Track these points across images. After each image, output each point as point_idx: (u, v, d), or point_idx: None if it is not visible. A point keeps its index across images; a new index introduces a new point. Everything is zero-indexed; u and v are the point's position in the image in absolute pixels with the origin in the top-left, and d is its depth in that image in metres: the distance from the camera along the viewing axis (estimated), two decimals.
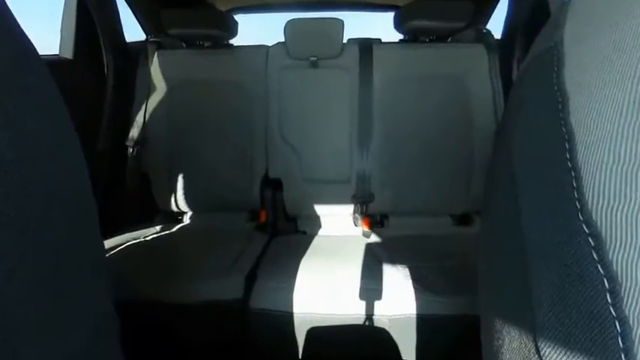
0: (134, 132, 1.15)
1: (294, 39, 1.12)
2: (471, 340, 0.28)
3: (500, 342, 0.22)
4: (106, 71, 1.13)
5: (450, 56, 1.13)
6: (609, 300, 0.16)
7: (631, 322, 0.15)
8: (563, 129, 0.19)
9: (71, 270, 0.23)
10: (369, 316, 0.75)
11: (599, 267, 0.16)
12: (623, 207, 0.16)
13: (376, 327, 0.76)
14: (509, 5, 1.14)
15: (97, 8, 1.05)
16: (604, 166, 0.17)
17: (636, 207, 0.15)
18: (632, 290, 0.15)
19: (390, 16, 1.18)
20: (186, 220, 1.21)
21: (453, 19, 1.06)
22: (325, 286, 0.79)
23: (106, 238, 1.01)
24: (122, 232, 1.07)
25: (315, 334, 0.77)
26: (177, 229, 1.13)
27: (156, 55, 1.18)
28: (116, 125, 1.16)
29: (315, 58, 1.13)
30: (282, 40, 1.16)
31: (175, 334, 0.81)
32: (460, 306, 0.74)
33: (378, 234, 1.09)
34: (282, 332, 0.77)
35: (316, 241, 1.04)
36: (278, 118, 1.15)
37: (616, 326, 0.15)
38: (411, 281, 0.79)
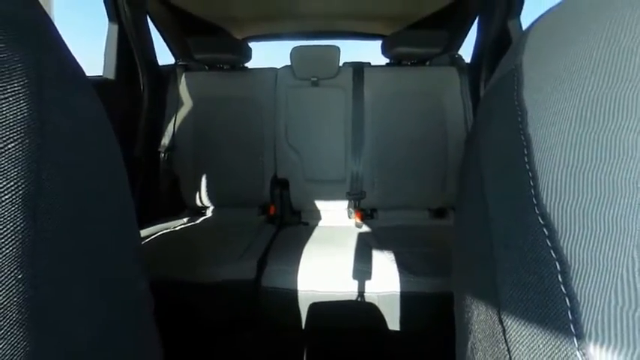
0: (165, 140, 1.15)
1: (298, 63, 1.12)
2: (446, 314, 0.28)
3: (469, 315, 0.22)
4: (141, 90, 1.13)
5: (429, 77, 1.13)
6: (560, 280, 0.16)
7: (579, 297, 0.15)
8: (522, 137, 0.19)
9: (114, 256, 0.23)
10: (361, 293, 0.75)
11: (552, 252, 0.16)
12: (572, 202, 0.16)
13: (367, 302, 0.75)
14: (477, 34, 1.15)
15: (135, 36, 1.05)
16: (556, 169, 0.17)
17: (582, 202, 0.16)
18: (579, 271, 0.15)
19: (378, 43, 1.17)
20: (208, 213, 1.19)
21: (431, 46, 1.06)
22: (324, 268, 0.78)
23: (142, 229, 1.01)
24: (155, 224, 1.06)
25: (316, 308, 0.76)
26: (201, 221, 1.12)
27: (183, 76, 1.17)
28: (150, 135, 1.15)
29: (315, 79, 1.13)
30: (287, 62, 1.15)
31: (197, 311, 0.80)
32: (437, 285, 0.74)
33: (369, 225, 1.08)
34: (288, 307, 0.77)
35: (317, 231, 1.03)
36: (285, 127, 1.14)
37: (566, 302, 0.15)
38: (395, 264, 0.78)
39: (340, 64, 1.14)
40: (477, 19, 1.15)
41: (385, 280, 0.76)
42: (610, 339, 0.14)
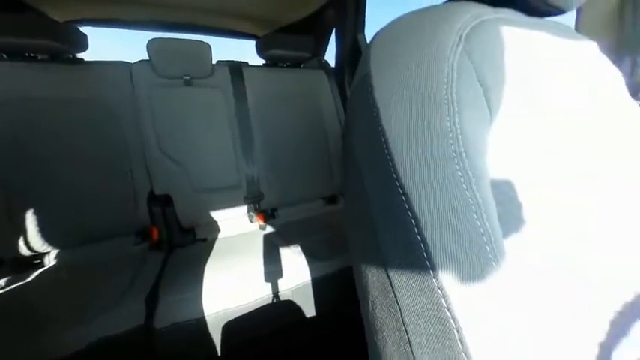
0: None
1: (160, 58, 0.96)
2: (351, 285, 0.31)
3: (366, 279, 0.26)
4: None
5: (304, 79, 1.21)
6: (416, 231, 0.21)
7: (428, 241, 0.21)
8: (379, 130, 0.24)
9: None
10: (276, 293, 0.74)
11: (409, 212, 0.21)
12: (415, 174, 0.22)
13: (283, 300, 0.75)
14: (337, 43, 1.31)
15: None
16: (402, 151, 0.23)
17: (420, 173, 0.22)
18: (426, 222, 0.21)
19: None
20: (49, 261, 0.85)
21: (302, 50, 1.14)
22: (233, 281, 0.73)
23: None
24: None
25: (231, 326, 0.70)
26: (38, 275, 0.79)
27: None
28: None
29: (188, 77, 1.00)
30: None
31: None
32: (339, 263, 0.81)
33: (272, 225, 1.08)
34: (196, 339, 0.68)
35: (218, 245, 0.94)
36: (155, 134, 0.96)
37: (422, 246, 0.21)
38: (303, 255, 0.82)
39: (213, 62, 1.06)
40: (334, 30, 1.30)
41: (296, 273, 0.78)
42: (449, 263, 0.20)
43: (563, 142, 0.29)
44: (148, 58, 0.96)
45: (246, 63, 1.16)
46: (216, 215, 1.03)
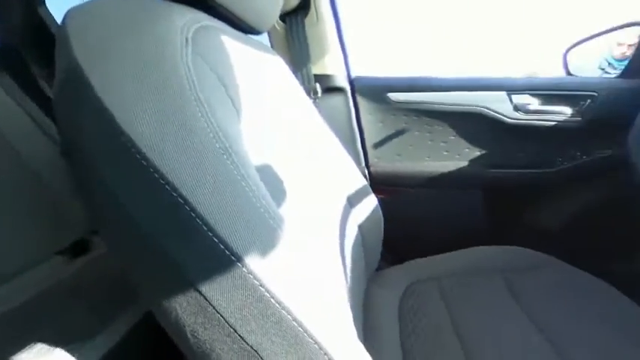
0: None
1: None
2: (157, 335, 0.27)
3: (176, 312, 0.23)
4: None
5: None
6: (210, 233, 0.21)
7: (226, 238, 0.21)
8: (123, 138, 0.21)
9: None
10: None
11: (196, 218, 0.21)
12: (189, 175, 0.21)
13: None
14: None
15: None
16: (165, 155, 0.21)
17: (195, 173, 0.21)
18: (216, 219, 0.21)
19: None
20: None
21: None
22: None
23: None
24: None
25: None
26: None
27: None
28: None
29: None
30: None
31: None
32: (128, 320, 0.61)
33: None
34: None
35: None
36: None
37: (220, 246, 0.21)
38: (53, 353, 0.52)
39: None
40: None
41: None
42: (249, 247, 0.23)
43: (274, 133, 0.39)
44: None
45: None
46: None
